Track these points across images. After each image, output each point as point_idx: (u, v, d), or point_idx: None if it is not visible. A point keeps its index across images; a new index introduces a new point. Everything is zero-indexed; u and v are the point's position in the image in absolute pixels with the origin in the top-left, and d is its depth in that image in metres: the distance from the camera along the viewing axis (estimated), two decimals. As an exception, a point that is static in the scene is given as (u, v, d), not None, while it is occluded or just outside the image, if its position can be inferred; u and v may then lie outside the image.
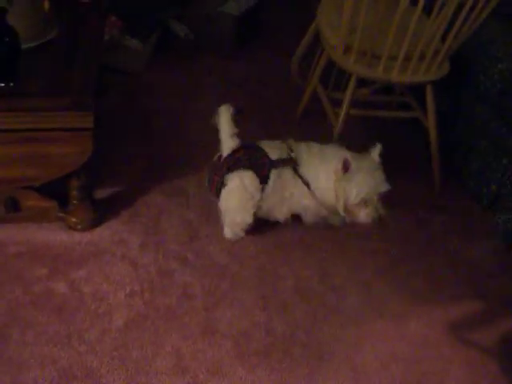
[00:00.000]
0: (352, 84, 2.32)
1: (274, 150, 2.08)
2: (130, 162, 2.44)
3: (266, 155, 2.06)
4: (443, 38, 2.19)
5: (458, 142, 2.57)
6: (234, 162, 2.04)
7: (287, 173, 2.07)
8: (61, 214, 2.14)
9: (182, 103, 2.77)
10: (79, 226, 2.13)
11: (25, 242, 2.11)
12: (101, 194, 2.27)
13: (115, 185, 2.33)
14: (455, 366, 1.91)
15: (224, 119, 2.07)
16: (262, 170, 2.04)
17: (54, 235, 2.13)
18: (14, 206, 2.11)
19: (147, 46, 2.91)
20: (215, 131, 2.46)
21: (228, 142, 2.06)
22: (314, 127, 2.68)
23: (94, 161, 1.99)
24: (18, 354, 1.79)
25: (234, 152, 2.06)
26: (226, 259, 2.12)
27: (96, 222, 2.17)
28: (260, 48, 3.17)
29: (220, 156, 2.09)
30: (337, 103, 2.48)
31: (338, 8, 2.36)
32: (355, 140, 2.65)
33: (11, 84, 1.95)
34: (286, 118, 2.77)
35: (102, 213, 2.19)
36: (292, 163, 2.06)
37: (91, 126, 1.88)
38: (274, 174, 2.05)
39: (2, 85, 1.94)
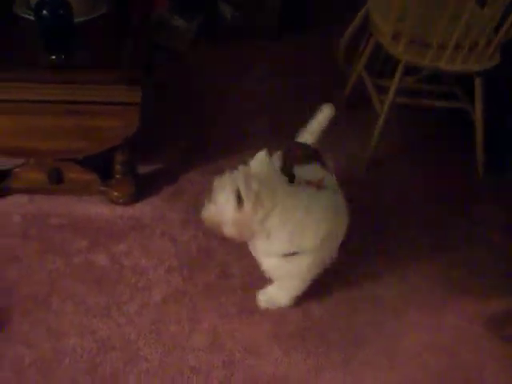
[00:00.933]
0: (400, 71, 2.28)
1: (306, 171, 1.81)
2: (174, 139, 2.45)
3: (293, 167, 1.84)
4: (495, 28, 2.15)
5: (509, 132, 2.52)
6: (289, 149, 1.92)
7: None
8: (103, 188, 2.16)
9: (227, 84, 2.76)
10: (121, 200, 2.15)
11: (66, 214, 2.14)
12: (144, 169, 2.28)
13: (158, 161, 2.34)
14: (492, 359, 1.88)
15: (321, 115, 1.98)
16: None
17: (95, 208, 2.15)
18: (57, 177, 2.15)
19: (194, 25, 2.91)
20: (259, 113, 2.47)
21: (305, 135, 1.98)
22: (359, 113, 2.66)
23: (138, 136, 2.00)
24: (57, 323, 1.82)
25: (303, 145, 1.95)
26: (264, 241, 2.12)
27: (137, 197, 2.19)
28: (307, 31, 3.14)
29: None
30: (382, 90, 2.46)
31: (389, -6, 2.34)
32: (398, 128, 2.64)
33: (62, 56, 1.97)
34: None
35: (143, 188, 2.21)
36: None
37: (139, 101, 1.89)
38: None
39: (53, 57, 1.96)
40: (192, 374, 1.74)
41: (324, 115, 1.98)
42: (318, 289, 1.97)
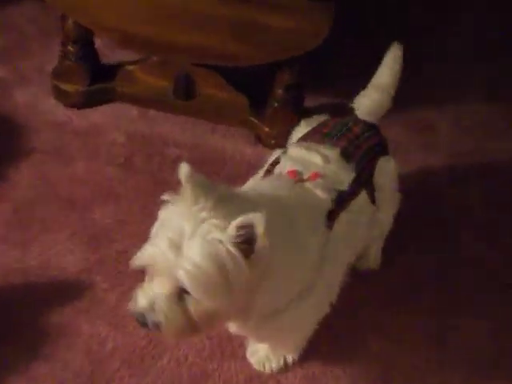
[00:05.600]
0: None
1: None
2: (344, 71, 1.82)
3: None
4: None
5: None
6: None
7: None
8: (251, 118, 1.61)
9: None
10: (273, 141, 1.56)
11: (190, 145, 1.62)
12: (306, 102, 1.65)
13: (326, 95, 1.73)
14: None
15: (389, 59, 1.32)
16: None
17: (232, 146, 1.61)
18: (187, 89, 1.61)
19: None
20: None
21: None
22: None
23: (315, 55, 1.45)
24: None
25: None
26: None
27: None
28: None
29: None
30: None
31: None
32: None
33: None
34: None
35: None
36: None
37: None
38: None
39: None
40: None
41: (393, 57, 1.31)
42: None
